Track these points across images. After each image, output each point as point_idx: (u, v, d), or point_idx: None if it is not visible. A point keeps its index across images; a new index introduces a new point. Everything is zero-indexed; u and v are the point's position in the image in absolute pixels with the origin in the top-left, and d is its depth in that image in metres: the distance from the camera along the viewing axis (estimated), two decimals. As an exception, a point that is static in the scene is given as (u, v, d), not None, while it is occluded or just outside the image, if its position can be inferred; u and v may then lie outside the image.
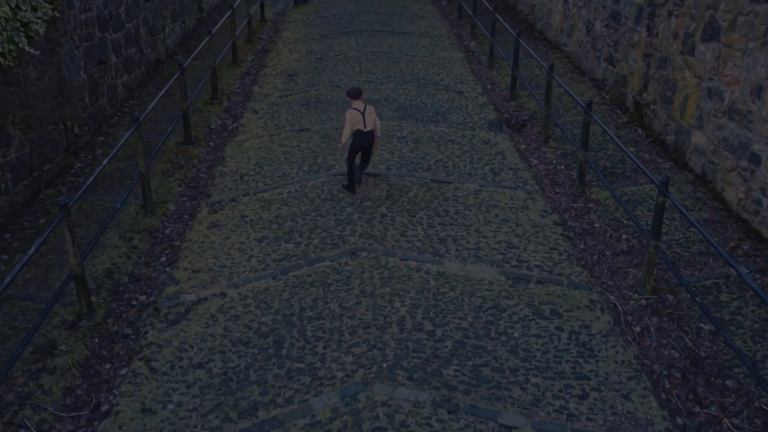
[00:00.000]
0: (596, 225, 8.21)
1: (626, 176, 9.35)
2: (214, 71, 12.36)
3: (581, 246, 7.80)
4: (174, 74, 13.38)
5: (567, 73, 13.56)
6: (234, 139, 10.96)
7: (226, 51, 14.15)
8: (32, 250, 5.52)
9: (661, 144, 10.17)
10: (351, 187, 8.86)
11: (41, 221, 8.22)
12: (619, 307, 6.70)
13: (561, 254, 7.59)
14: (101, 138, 10.62)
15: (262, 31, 17.93)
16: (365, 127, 8.57)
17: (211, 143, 10.83)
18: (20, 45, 7.80)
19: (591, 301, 6.76)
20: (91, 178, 6.76)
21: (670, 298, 6.77)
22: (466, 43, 16.53)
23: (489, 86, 13.40)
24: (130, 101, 12.25)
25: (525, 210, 8.52)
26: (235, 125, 11.61)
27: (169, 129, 9.62)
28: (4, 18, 7.55)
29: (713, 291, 6.81)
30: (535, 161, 10.05)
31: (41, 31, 8.31)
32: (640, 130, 10.72)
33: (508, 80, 13.33)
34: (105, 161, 7.24)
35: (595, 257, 7.58)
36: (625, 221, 8.21)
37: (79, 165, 9.74)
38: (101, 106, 11.04)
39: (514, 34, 12.14)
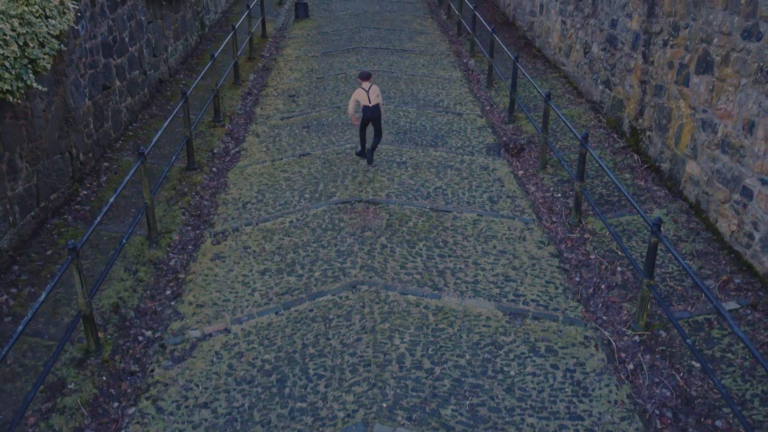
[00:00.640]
0: (592, 257, 8.39)
1: (621, 205, 9.52)
2: (216, 95, 12.52)
3: (577, 279, 7.97)
4: (177, 94, 13.58)
5: (565, 95, 13.74)
6: (236, 164, 11.14)
7: (228, 71, 14.31)
8: (43, 296, 5.69)
9: (656, 171, 10.34)
10: (362, 153, 10.83)
11: (48, 252, 8.39)
12: (613, 343, 6.87)
13: (557, 288, 7.77)
14: (106, 164, 10.80)
15: (263, 47, 18.11)
16: (370, 102, 10.26)
17: (214, 168, 11.00)
18: (28, 82, 7.97)
19: (586, 337, 6.94)
20: (97, 219, 6.92)
21: (663, 334, 6.95)
22: (465, 60, 16.70)
23: (488, 107, 13.58)
24: (134, 124, 12.42)
25: (522, 241, 8.70)
26: (237, 149, 11.79)
27: (173, 158, 9.79)
28: (13, 57, 7.72)
29: (705, 327, 6.98)
30: (533, 188, 10.22)
31: (48, 66, 8.49)
32: (636, 156, 10.90)
33: (506, 101, 13.51)
34: (111, 199, 7.40)
35: (590, 290, 7.75)
36: (620, 252, 8.38)
37: (85, 192, 9.91)
38: (106, 131, 11.22)
39: (513, 57, 12.32)
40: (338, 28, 19.69)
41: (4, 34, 7.68)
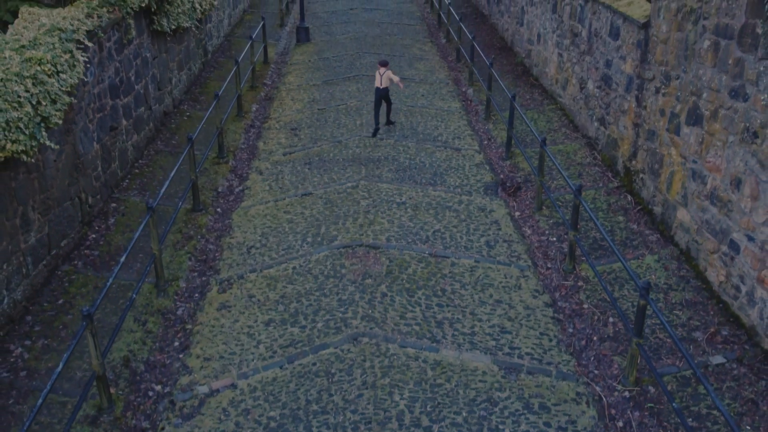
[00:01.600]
0: (585, 306, 8.68)
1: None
2: (221, 132, 12.82)
3: (570, 330, 8.27)
4: (182, 128, 13.88)
5: (561, 128, 14.04)
6: (240, 205, 11.44)
7: (232, 104, 14.60)
8: (60, 366, 5.99)
9: (649, 213, 10.64)
10: (376, 132, 13.82)
11: (60, 301, 8.69)
12: (604, 399, 7.17)
13: (551, 340, 8.06)
14: (113, 204, 11.09)
15: (265, 74, 18.41)
16: (381, 85, 13.51)
17: (219, 209, 11.30)
18: (41, 140, 8.27)
19: (578, 393, 7.23)
20: (109, 281, 7.21)
21: (652, 390, 7.24)
22: (464, 89, 17.00)
23: (486, 141, 13.87)
24: (140, 161, 12.72)
25: (518, 289, 9.00)
26: (241, 187, 12.09)
27: (180, 204, 10.08)
28: (27, 118, 8.02)
29: (692, 383, 7.28)
30: (529, 231, 10.52)
31: (60, 122, 8.78)
32: (629, 197, 11.20)
33: (504, 135, 13.80)
34: (122, 258, 7.68)
35: (583, 342, 8.05)
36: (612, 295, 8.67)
37: (93, 236, 10.21)
38: (113, 171, 11.52)
39: (510, 96, 12.61)
40: (339, 53, 19.99)
41: (19, 96, 7.98)
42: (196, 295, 9.05)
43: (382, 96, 13.62)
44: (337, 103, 15.85)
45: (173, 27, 14.30)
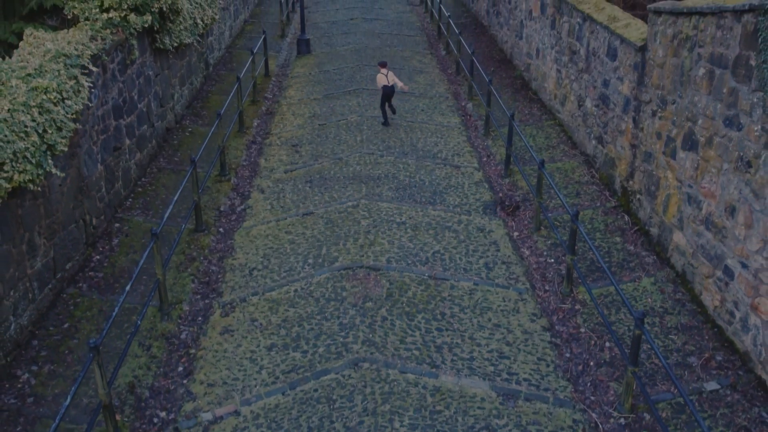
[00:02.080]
0: (582, 330, 8.83)
1: (612, 272, 9.94)
2: (222, 150, 12.96)
3: (567, 355, 8.41)
4: (184, 144, 14.03)
5: (559, 145, 14.18)
6: (242, 225, 11.58)
7: (234, 121, 14.74)
8: (68, 400, 6.13)
9: (645, 234, 10.78)
10: (386, 123, 15.48)
11: (65, 325, 8.84)
12: (600, 426, 7.31)
13: (548, 365, 8.21)
14: (117, 225, 11.23)
15: (266, 88, 18.56)
16: (389, 83, 15.16)
17: (221, 229, 11.44)
18: (48, 169, 8.42)
19: (574, 421, 7.38)
20: (115, 310, 7.34)
21: (647, 417, 7.38)
22: (463, 104, 17.14)
23: (485, 158, 14.02)
24: (143, 179, 12.86)
25: (516, 313, 9.14)
26: (242, 206, 12.23)
27: (183, 227, 10.22)
28: (33, 147, 8.16)
29: (687, 409, 7.42)
30: (527, 252, 10.66)
31: (66, 149, 8.93)
32: (626, 217, 11.34)
33: (503, 152, 13.94)
34: (127, 287, 7.82)
35: (580, 368, 8.19)
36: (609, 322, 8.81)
37: (98, 257, 10.35)
38: (116, 191, 11.66)
39: (509, 114, 12.75)
40: (340, 66, 20.13)
41: (25, 126, 8.13)
42: (200, 318, 9.19)
43: (389, 94, 15.15)
44: (338, 119, 16.00)
45: (175, 45, 14.44)
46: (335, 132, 15.23)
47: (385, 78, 15.16)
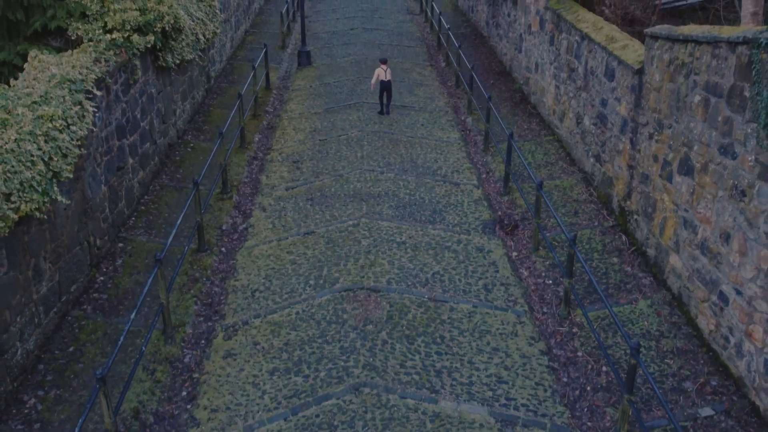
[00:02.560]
0: (579, 353, 8.97)
1: (609, 294, 10.09)
2: (224, 169, 13.10)
3: (564, 379, 8.55)
4: (186, 160, 14.17)
5: (558, 161, 14.32)
6: (244, 244, 11.72)
7: (236, 137, 14.88)
8: (76, 431, 6.27)
9: (642, 255, 10.92)
10: (381, 112, 17.25)
11: (70, 349, 8.97)
12: (597, 453, 7.45)
13: (546, 390, 8.34)
14: (120, 245, 11.37)
15: (267, 101, 18.70)
16: (387, 78, 16.85)
17: (223, 248, 11.58)
18: (53, 196, 8.56)
19: (571, 447, 7.52)
20: (120, 340, 7.48)
21: (643, 444, 7.52)
22: (462, 118, 17.28)
23: (484, 175, 14.15)
24: (146, 197, 13.00)
25: (514, 336, 9.28)
26: (244, 225, 12.37)
27: (186, 249, 10.35)
28: (39, 176, 8.30)
29: (681, 437, 7.55)
30: (525, 272, 10.80)
31: (71, 175, 9.07)
32: (624, 237, 11.47)
33: (502, 168, 14.08)
34: (132, 315, 7.95)
35: (577, 393, 8.33)
36: (606, 350, 8.95)
37: (102, 278, 10.49)
38: (120, 210, 11.79)
39: (507, 133, 12.88)
40: (340, 78, 20.26)
41: (32, 155, 8.27)
42: (203, 341, 9.33)
43: (387, 87, 17.02)
44: (339, 134, 16.14)
45: (177, 62, 14.58)
46: (336, 147, 15.37)
47: (384, 73, 16.89)
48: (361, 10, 29.19)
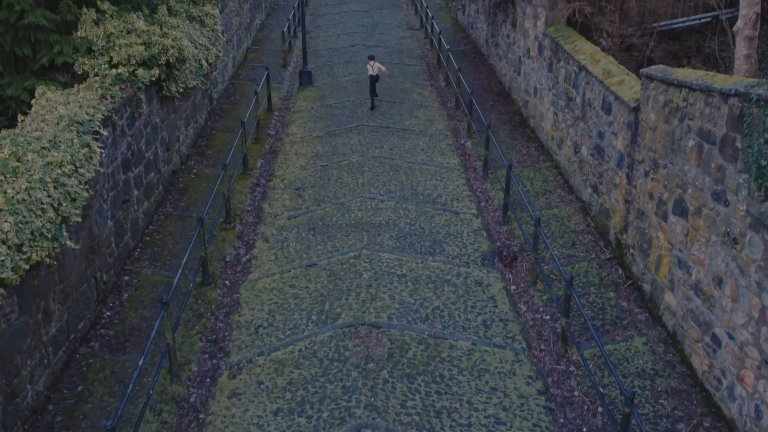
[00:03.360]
0: (575, 393, 9.18)
1: (605, 330, 10.31)
2: (228, 199, 13.31)
3: (561, 420, 8.76)
4: (189, 188, 14.40)
5: (556, 189, 14.54)
6: (247, 277, 11.93)
7: (234, 157, 15.10)
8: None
9: (638, 290, 11.13)
10: (372, 107, 19.46)
11: (79, 388, 9.19)
12: (592, 497, 7.66)
13: (543, 431, 8.57)
14: (126, 278, 11.59)
15: (269, 123, 18.92)
16: (373, 72, 19.13)
17: (227, 281, 11.80)
18: (62, 242, 8.77)
19: (567, 492, 7.73)
20: (129, 389, 7.69)
21: (637, 488, 7.73)
22: (462, 142, 17.50)
23: (483, 203, 14.37)
24: (150, 227, 13.21)
25: (512, 376, 9.49)
26: (247, 256, 12.58)
27: (191, 284, 10.57)
28: (49, 222, 8.51)
29: (675, 481, 7.77)
30: (524, 307, 11.02)
31: (79, 219, 9.28)
32: (620, 270, 11.69)
33: (501, 196, 14.29)
34: (140, 362, 8.16)
35: (573, 434, 8.55)
36: (602, 389, 9.17)
37: (108, 314, 10.70)
38: (125, 243, 12.01)
39: (506, 164, 13.10)
40: (341, 99, 20.48)
41: (42, 203, 8.48)
42: (208, 380, 9.54)
43: (374, 81, 19.29)
44: (340, 159, 16.35)
45: (181, 90, 14.79)
46: (337, 174, 15.59)
47: (371, 68, 19.25)
48: (361, 25, 29.40)
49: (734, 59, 10.59)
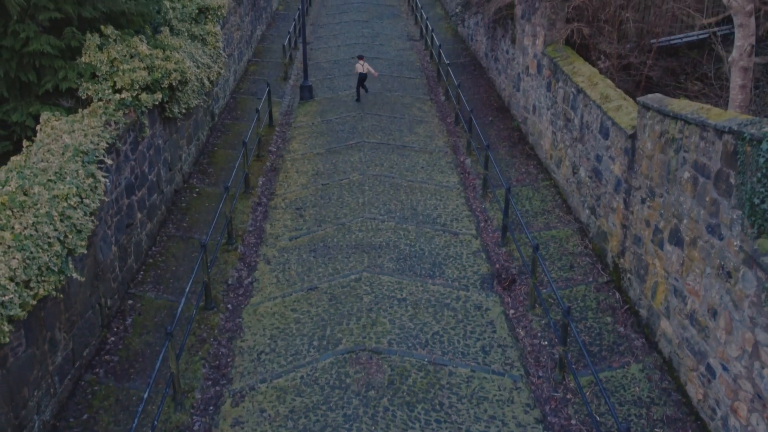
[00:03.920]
0: (573, 422, 9.34)
1: (602, 356, 10.47)
2: (230, 221, 13.47)
3: (559, 450, 8.93)
4: (192, 207, 14.55)
5: (555, 209, 14.69)
6: (249, 301, 12.09)
7: (236, 175, 15.26)
8: None
9: (635, 314, 11.29)
10: (358, 100, 21.58)
11: (84, 416, 9.35)
12: None
13: (540, 462, 8.72)
14: (130, 302, 11.74)
15: (270, 140, 19.08)
16: (363, 70, 21.07)
17: (229, 305, 11.95)
18: (68, 274, 8.93)
19: None
20: (134, 423, 7.84)
21: None
22: (462, 159, 17.66)
23: (482, 224, 14.53)
24: (153, 248, 13.37)
25: (510, 404, 9.65)
26: (249, 279, 12.74)
27: (194, 311, 10.72)
28: (56, 256, 8.67)
29: None
30: (522, 332, 11.17)
31: (85, 251, 9.44)
32: (617, 294, 11.85)
33: (500, 216, 14.44)
34: (145, 395, 8.32)
35: (570, 464, 8.70)
36: (599, 417, 9.33)
37: (112, 339, 10.86)
38: (129, 267, 12.16)
39: (505, 186, 13.25)
40: (342, 115, 20.64)
41: (48, 237, 8.63)
42: (211, 408, 9.70)
43: (362, 78, 21.36)
44: (341, 177, 16.51)
45: (184, 111, 14.94)
46: (338, 193, 15.74)
47: (361, 67, 21.07)
48: (362, 36, 29.55)
49: (729, 89, 10.76)
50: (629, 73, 16.73)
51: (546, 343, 10.89)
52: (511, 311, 11.73)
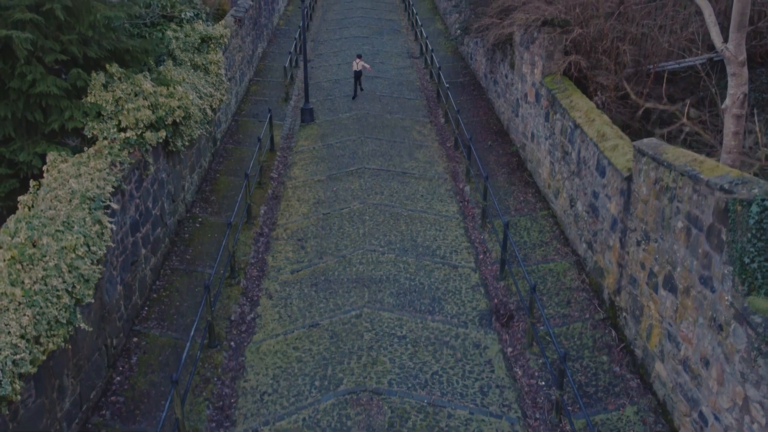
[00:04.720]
0: (569, 466, 9.57)
1: (598, 398, 10.69)
2: (232, 255, 13.69)
3: (555, 496, 9.15)
4: (195, 238, 14.76)
5: (552, 241, 14.91)
6: (252, 338, 12.31)
7: (238, 204, 15.49)
8: None
9: (631, 354, 11.50)
10: (354, 97, 23.87)
11: (91, 461, 9.57)
12: None
13: None
14: (135, 339, 11.97)
15: (272, 166, 19.30)
16: (358, 68, 23.63)
17: (232, 342, 12.18)
18: (76, 324, 9.15)
19: None
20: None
21: None
22: (461, 186, 17.88)
23: (481, 256, 14.75)
24: (157, 282, 13.59)
25: (508, 448, 9.88)
26: (252, 315, 12.97)
27: (199, 351, 10.94)
28: (64, 308, 8.89)
29: None
30: (519, 372, 11.39)
31: (92, 300, 9.65)
32: (613, 333, 12.06)
33: (499, 249, 14.66)
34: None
35: None
36: (593, 462, 9.55)
37: (118, 378, 11.08)
38: (134, 304, 12.38)
39: (504, 222, 13.47)
40: (342, 139, 20.85)
41: (57, 290, 8.85)
42: (215, 452, 9.92)
43: (358, 76, 23.83)
44: (341, 206, 16.73)
45: (187, 143, 15.16)
46: (339, 223, 15.96)
47: (355, 65, 23.64)
48: (362, 53, 29.74)
49: (723, 135, 10.98)
50: (626, 102, 16.93)
51: (543, 383, 11.11)
52: (509, 349, 11.95)
